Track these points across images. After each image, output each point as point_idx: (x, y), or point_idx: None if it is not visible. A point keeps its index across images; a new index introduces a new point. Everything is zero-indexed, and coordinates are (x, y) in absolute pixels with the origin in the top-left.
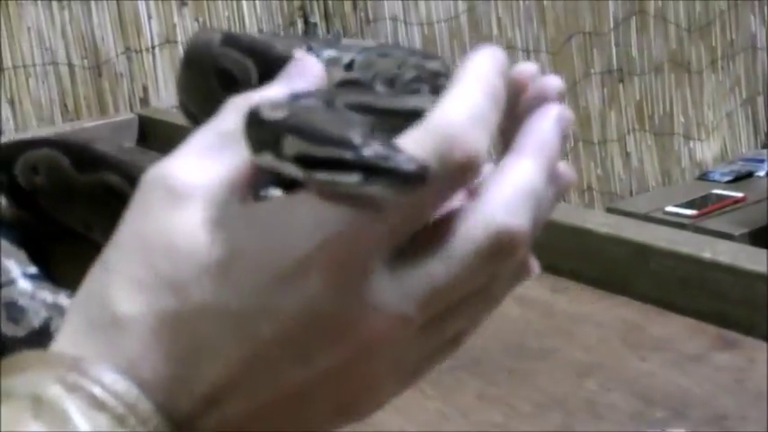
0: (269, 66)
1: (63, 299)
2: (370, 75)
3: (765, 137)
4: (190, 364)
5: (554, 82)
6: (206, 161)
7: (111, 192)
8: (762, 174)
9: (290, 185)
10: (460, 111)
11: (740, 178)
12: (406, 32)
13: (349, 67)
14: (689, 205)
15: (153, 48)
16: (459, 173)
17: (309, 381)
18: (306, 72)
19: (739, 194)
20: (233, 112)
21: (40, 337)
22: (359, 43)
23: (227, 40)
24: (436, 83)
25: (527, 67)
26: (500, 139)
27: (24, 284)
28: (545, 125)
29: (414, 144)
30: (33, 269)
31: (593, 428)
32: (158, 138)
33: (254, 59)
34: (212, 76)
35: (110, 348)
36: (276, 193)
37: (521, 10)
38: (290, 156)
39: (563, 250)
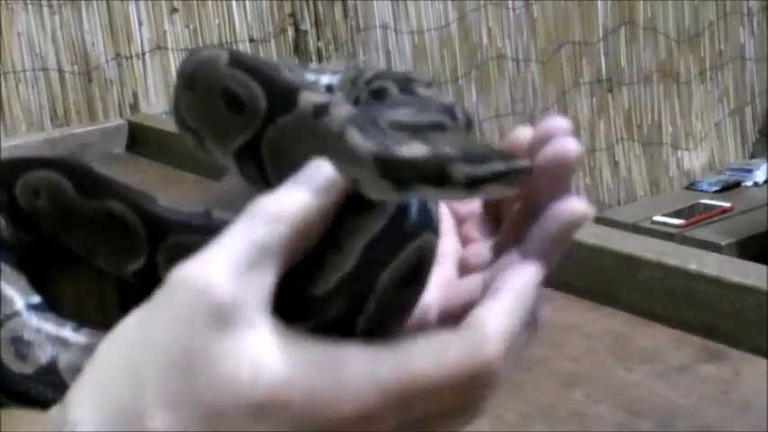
0: (275, 92)
1: (68, 332)
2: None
3: (753, 147)
4: None
5: (572, 146)
6: (245, 279)
7: (115, 220)
8: (749, 184)
9: None
10: (500, 338)
11: (728, 188)
12: (397, 40)
13: (329, 88)
14: (677, 215)
15: (143, 54)
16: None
17: None
18: (319, 176)
19: (727, 204)
20: (263, 220)
21: (48, 374)
22: (327, 66)
23: (234, 60)
24: (408, 86)
25: (558, 124)
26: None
27: (29, 316)
28: (526, 280)
29: (452, 344)
30: (36, 298)
31: None
32: (148, 144)
33: (261, 84)
34: (218, 96)
35: None
36: None
37: (511, 19)
38: (462, 181)
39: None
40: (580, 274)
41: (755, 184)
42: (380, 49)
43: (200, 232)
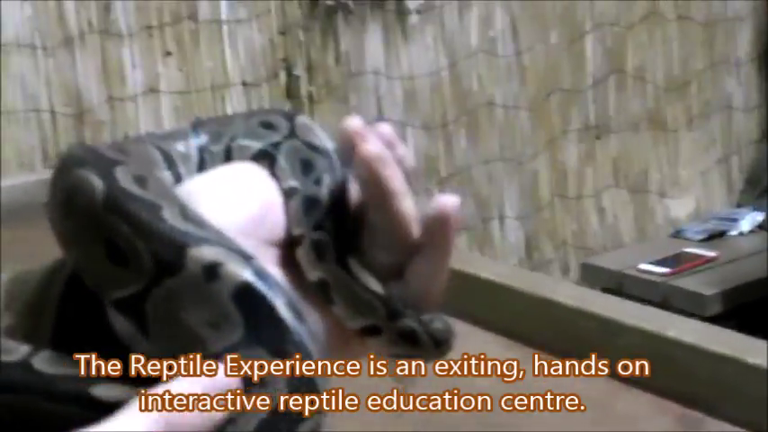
0: (161, 250)
1: None
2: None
3: (739, 196)
4: None
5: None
6: None
7: None
8: (735, 233)
9: None
10: None
11: (713, 237)
12: (388, 86)
13: (202, 150)
14: (662, 263)
15: (136, 96)
16: None
17: None
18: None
19: (712, 254)
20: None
21: None
22: (185, 129)
23: (110, 204)
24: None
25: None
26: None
27: None
28: None
29: None
30: None
31: None
32: None
33: (145, 241)
34: (99, 242)
35: None
36: None
37: (501, 67)
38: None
39: (532, 322)
40: (560, 335)
41: (741, 233)
42: (372, 95)
43: (25, 393)
